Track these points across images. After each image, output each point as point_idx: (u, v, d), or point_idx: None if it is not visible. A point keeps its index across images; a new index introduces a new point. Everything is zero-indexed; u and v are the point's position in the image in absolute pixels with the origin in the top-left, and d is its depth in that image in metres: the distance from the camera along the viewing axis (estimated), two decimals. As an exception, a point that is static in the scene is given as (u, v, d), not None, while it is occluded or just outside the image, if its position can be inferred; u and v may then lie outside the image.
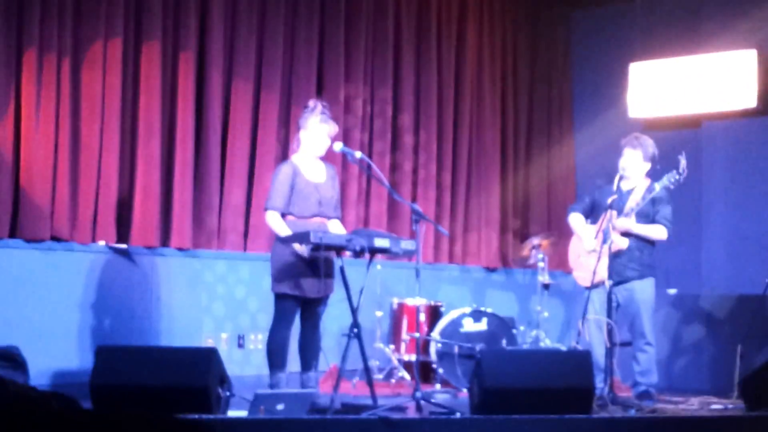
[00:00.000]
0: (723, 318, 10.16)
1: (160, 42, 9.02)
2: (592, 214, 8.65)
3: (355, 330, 7.13)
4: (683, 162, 8.04)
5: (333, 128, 7.77)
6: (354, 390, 8.50)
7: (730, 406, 7.99)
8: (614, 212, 8.21)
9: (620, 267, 8.30)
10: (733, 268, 11.16)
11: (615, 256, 8.20)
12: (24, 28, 8.15)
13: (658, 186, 8.17)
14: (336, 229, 7.77)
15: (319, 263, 7.33)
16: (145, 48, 8.97)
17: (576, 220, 8.74)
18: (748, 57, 11.18)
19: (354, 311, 7.18)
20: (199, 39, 9.39)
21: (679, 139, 10.78)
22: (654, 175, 8.36)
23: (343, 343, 7.28)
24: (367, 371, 7.33)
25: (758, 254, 10.66)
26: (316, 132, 7.69)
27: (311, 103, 7.83)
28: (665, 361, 9.89)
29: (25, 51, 8.13)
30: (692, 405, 8.18)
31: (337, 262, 7.36)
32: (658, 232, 8.40)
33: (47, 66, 8.24)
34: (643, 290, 8.42)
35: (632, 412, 7.42)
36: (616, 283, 8.23)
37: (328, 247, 7.21)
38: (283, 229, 7.44)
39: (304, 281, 7.45)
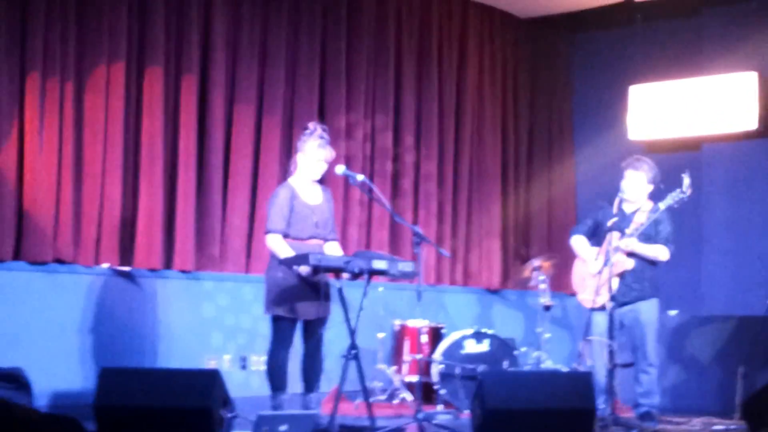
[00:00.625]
0: (724, 339, 10.13)
1: (162, 66, 9.12)
2: (595, 235, 8.63)
3: (354, 351, 7.12)
4: (687, 180, 8.02)
5: (330, 154, 7.77)
6: (356, 411, 8.51)
7: (732, 427, 8.01)
8: (617, 234, 8.23)
9: (625, 288, 8.29)
10: (733, 290, 11.19)
11: (621, 277, 8.22)
12: (27, 52, 8.24)
13: (662, 205, 8.13)
14: (334, 251, 7.79)
15: (319, 285, 7.37)
16: (147, 72, 9.06)
17: (579, 242, 8.72)
18: (749, 79, 11.21)
19: (352, 332, 7.17)
20: (201, 63, 9.48)
21: (679, 161, 10.72)
22: (657, 195, 8.35)
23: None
24: (365, 392, 7.31)
25: (759, 276, 10.67)
26: (314, 156, 7.69)
27: (311, 125, 7.83)
28: (667, 383, 9.86)
29: (28, 75, 8.22)
30: (694, 426, 8.21)
31: (336, 284, 7.38)
32: (660, 252, 8.38)
33: (50, 90, 8.33)
34: (647, 311, 8.41)
35: None
36: (621, 304, 8.26)
37: (327, 269, 7.24)
38: (285, 251, 7.45)
39: (298, 303, 7.47)
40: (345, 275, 7.36)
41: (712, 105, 11.45)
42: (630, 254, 8.28)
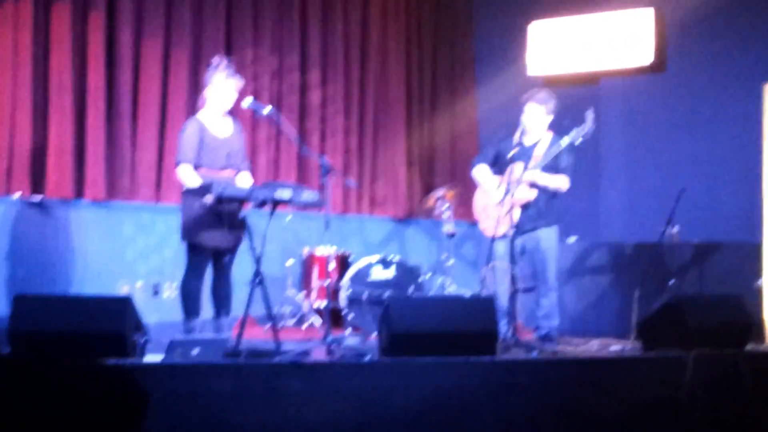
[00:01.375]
0: (621, 264, 10.38)
1: (70, 2, 9.08)
2: (496, 165, 8.73)
3: (259, 278, 7.21)
4: (591, 117, 8.17)
5: (239, 83, 7.88)
6: (266, 335, 8.60)
7: (628, 347, 8.14)
8: (520, 164, 8.40)
9: (528, 217, 8.47)
10: (629, 218, 11.44)
11: (523, 207, 8.41)
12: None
13: (565, 140, 8.28)
14: (245, 180, 7.89)
15: (223, 214, 7.45)
16: (55, 8, 9.02)
17: (480, 172, 8.81)
18: (646, 15, 11.41)
19: (257, 260, 7.25)
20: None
21: (577, 95, 11.01)
22: (560, 129, 8.47)
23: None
24: (271, 317, 7.40)
25: (654, 204, 10.78)
26: (222, 87, 7.79)
27: (215, 60, 7.91)
28: (567, 306, 10.13)
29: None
30: (592, 347, 8.40)
31: (240, 214, 7.47)
32: (561, 182, 8.53)
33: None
34: (548, 238, 8.58)
35: (534, 354, 7.55)
36: (523, 232, 8.44)
37: (231, 199, 7.32)
38: (193, 181, 7.55)
39: (213, 232, 7.56)
40: (250, 204, 7.48)
41: (609, 40, 11.63)
42: (532, 185, 8.43)
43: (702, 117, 11.22)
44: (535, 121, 8.60)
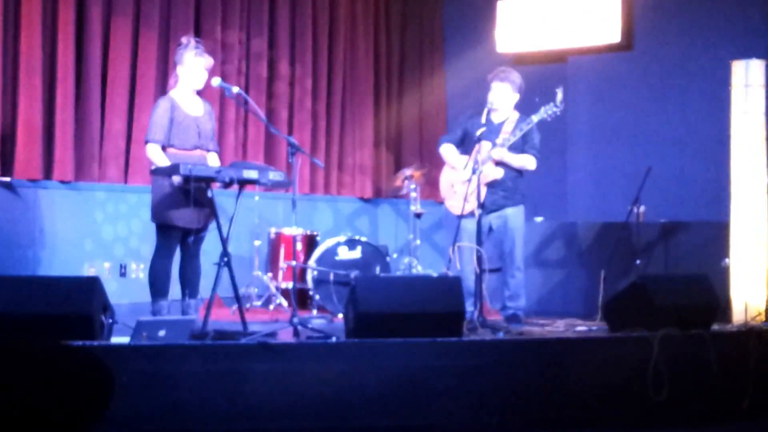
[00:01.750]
0: (587, 245, 10.43)
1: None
2: (463, 144, 8.72)
3: (225, 259, 7.19)
4: (560, 95, 8.19)
5: (209, 61, 7.87)
6: (232, 316, 8.63)
7: (594, 328, 8.20)
8: (488, 143, 8.40)
9: (494, 196, 8.48)
10: (596, 198, 11.51)
11: (489, 186, 8.42)
12: None
13: (535, 118, 8.30)
14: (213, 162, 7.88)
15: (190, 194, 7.38)
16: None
17: (448, 150, 8.79)
18: (613, -7, 11.43)
19: (224, 240, 7.25)
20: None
21: (546, 73, 11.03)
22: (529, 107, 8.48)
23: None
24: (237, 298, 7.41)
25: (620, 184, 10.88)
26: (193, 66, 7.77)
27: (184, 39, 7.88)
28: (533, 287, 10.13)
29: None
30: (558, 327, 8.42)
31: (208, 193, 7.44)
32: (528, 161, 8.54)
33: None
34: (515, 217, 8.59)
35: (501, 335, 7.53)
36: (490, 211, 8.46)
37: (198, 179, 7.25)
38: (162, 161, 7.53)
39: (183, 212, 7.53)
40: (217, 184, 7.48)
41: (577, 19, 11.68)
42: (499, 163, 8.45)
43: (669, 95, 11.27)
44: (502, 99, 8.60)
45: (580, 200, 11.65)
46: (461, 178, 8.56)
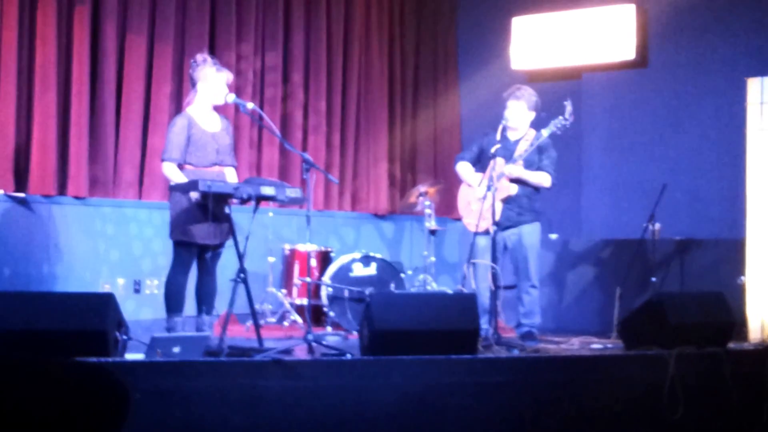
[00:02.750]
0: (603, 262, 10.41)
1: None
2: (480, 161, 8.73)
3: (242, 275, 7.20)
4: (569, 107, 8.18)
5: (230, 76, 7.88)
6: (247, 333, 8.64)
7: (609, 345, 8.15)
8: (502, 160, 8.39)
9: (510, 213, 8.48)
10: (611, 215, 11.43)
11: (505, 202, 8.40)
12: None
13: (545, 132, 8.31)
14: (231, 177, 7.88)
15: (208, 210, 7.34)
16: (40, 3, 9.00)
17: (464, 168, 8.81)
18: (627, 11, 11.42)
19: (240, 257, 7.25)
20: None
21: (560, 90, 10.96)
22: (540, 123, 8.47)
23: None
24: (253, 314, 7.40)
25: (635, 201, 10.86)
26: (215, 81, 7.76)
27: (199, 57, 7.87)
28: (548, 304, 10.12)
29: None
30: (573, 345, 8.35)
31: (226, 209, 7.42)
32: (543, 178, 8.54)
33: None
34: (530, 234, 8.59)
35: (515, 352, 7.50)
36: (505, 228, 8.45)
37: (217, 195, 7.26)
38: (179, 179, 7.52)
39: (201, 228, 7.53)
40: (234, 201, 7.48)
41: (591, 36, 11.64)
42: (514, 180, 8.45)
43: (684, 112, 11.22)
44: (517, 117, 8.62)
45: (595, 217, 11.59)
46: (477, 196, 8.57)
